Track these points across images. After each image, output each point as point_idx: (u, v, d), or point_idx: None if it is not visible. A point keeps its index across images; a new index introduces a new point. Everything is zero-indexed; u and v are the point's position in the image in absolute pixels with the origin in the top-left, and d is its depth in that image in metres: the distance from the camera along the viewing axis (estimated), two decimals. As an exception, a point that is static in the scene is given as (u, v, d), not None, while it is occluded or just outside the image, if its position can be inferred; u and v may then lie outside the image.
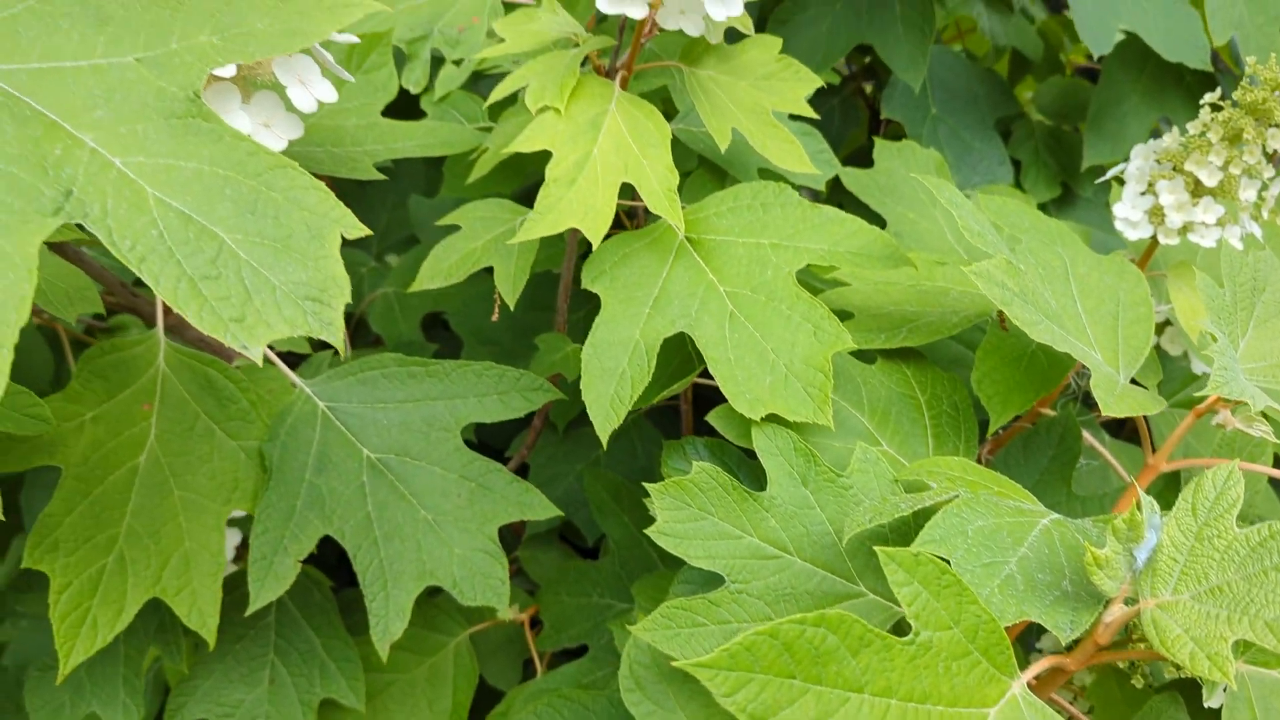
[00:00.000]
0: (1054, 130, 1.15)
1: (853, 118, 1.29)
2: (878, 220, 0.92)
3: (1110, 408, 0.54)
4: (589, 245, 0.66)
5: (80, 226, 0.40)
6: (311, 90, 0.58)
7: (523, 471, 1.00)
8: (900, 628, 0.47)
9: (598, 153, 0.65)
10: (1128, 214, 0.72)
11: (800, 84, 0.72)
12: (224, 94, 0.56)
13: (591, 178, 0.65)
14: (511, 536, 1.01)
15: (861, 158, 1.21)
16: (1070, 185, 1.12)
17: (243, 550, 0.75)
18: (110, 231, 0.40)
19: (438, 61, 0.93)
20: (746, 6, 0.67)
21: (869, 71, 1.36)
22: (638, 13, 0.63)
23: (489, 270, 0.76)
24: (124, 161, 0.42)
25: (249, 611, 0.65)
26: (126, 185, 0.41)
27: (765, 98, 0.71)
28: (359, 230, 0.44)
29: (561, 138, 0.65)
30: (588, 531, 0.99)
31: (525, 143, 0.64)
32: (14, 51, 0.43)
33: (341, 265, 0.43)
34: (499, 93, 0.69)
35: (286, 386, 0.72)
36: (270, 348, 0.75)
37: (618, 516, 0.88)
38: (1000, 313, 0.69)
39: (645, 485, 0.59)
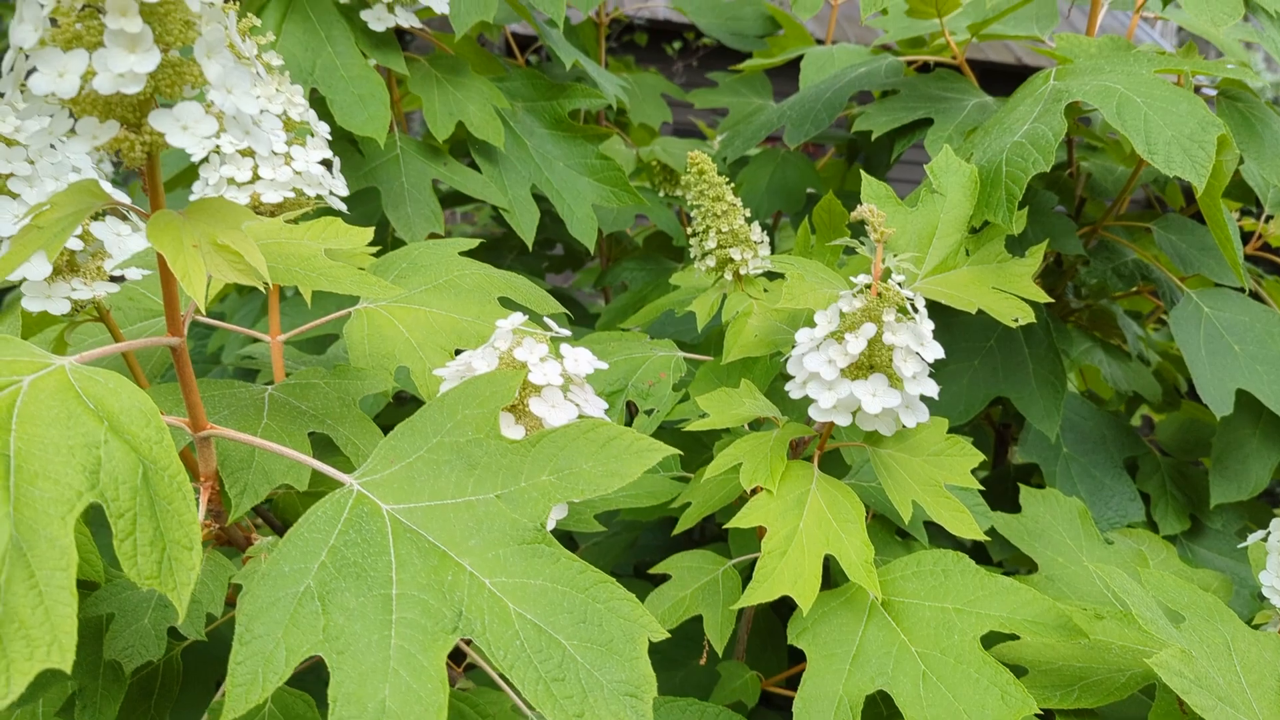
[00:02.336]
0: (1178, 464, 1.24)
1: (982, 443, 1.40)
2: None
3: (1290, 793, 0.60)
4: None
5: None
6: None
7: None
8: None
9: (803, 527, 0.77)
10: (1274, 583, 0.80)
11: (966, 459, 0.84)
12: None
13: (799, 550, 0.76)
14: None
15: (994, 484, 1.31)
16: (1199, 517, 1.20)
17: None
18: (489, 644, 0.52)
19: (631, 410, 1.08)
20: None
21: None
22: (843, 421, 0.76)
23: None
24: (492, 582, 0.54)
25: None
26: (495, 602, 0.54)
27: (937, 472, 0.83)
28: (660, 633, 0.56)
29: (773, 514, 0.77)
30: None
31: (744, 519, 0.77)
32: (411, 492, 0.57)
33: (649, 664, 0.54)
34: (714, 469, 0.82)
35: (508, 712, 0.82)
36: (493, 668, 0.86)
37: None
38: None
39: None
